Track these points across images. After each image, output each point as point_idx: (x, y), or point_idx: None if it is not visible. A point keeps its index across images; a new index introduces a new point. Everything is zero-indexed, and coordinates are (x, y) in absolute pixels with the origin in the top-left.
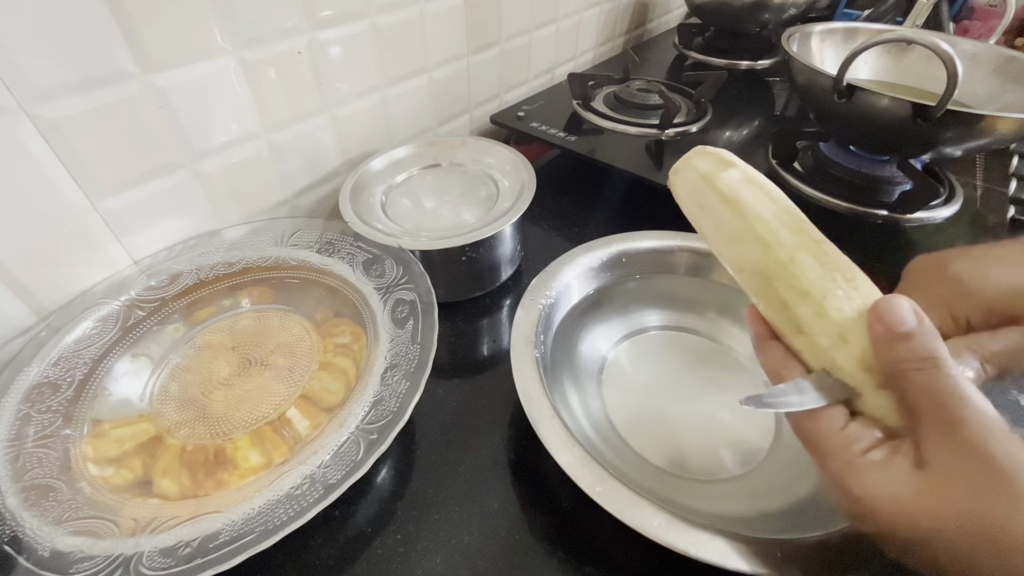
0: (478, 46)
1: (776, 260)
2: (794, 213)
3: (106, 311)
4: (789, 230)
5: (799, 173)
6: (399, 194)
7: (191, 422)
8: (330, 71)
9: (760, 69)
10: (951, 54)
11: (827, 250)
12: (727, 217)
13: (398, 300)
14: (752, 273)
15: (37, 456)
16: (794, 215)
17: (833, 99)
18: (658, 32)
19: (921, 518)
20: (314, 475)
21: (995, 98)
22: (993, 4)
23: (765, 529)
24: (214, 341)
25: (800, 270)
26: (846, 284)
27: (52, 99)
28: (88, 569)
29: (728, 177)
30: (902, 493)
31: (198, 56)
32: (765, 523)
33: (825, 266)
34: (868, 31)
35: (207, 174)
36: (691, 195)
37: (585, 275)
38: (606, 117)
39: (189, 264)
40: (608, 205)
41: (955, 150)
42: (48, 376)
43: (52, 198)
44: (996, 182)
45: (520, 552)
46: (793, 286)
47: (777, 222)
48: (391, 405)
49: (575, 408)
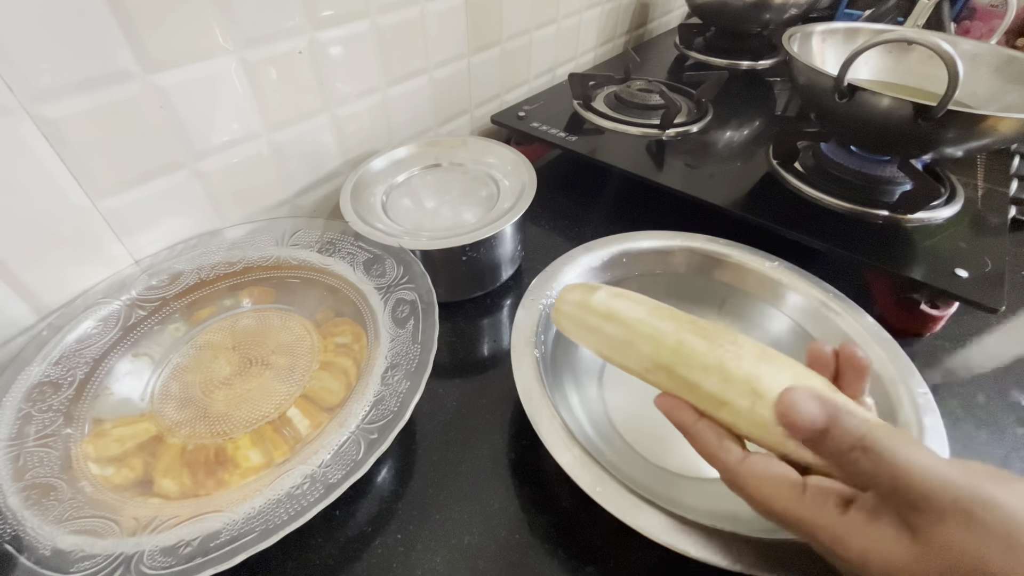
0: (479, 46)
1: (667, 348)
2: (662, 306)
3: (107, 310)
4: (665, 320)
5: (800, 173)
6: (400, 194)
7: (192, 421)
8: (331, 71)
9: (761, 69)
10: (952, 54)
11: (701, 324)
12: (612, 330)
13: (399, 300)
14: (655, 369)
15: (38, 455)
16: (663, 308)
17: (834, 99)
18: (659, 32)
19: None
20: (315, 474)
21: (996, 98)
22: (994, 4)
23: (765, 529)
24: (215, 341)
25: (691, 349)
26: (732, 346)
27: (54, 99)
28: (89, 568)
29: (597, 298)
30: (897, 560)
31: (199, 56)
32: (765, 523)
33: (708, 338)
34: (869, 31)
35: (208, 174)
36: (576, 323)
37: (586, 275)
38: (607, 117)
39: (190, 264)
40: (608, 205)
41: (956, 150)
42: (49, 375)
43: (53, 197)
44: (997, 182)
45: (520, 552)
46: (692, 365)
47: (652, 318)
48: (392, 405)
49: (575, 408)
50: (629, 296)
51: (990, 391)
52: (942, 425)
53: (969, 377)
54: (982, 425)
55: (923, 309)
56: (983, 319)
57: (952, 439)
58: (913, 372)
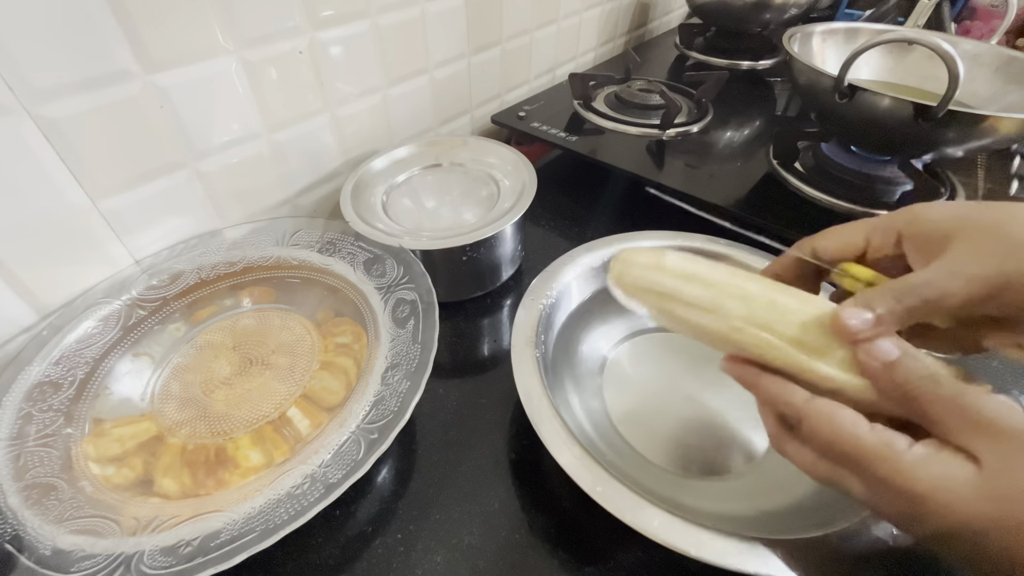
0: (479, 46)
1: (760, 305)
2: (737, 269)
3: (107, 310)
4: (748, 281)
5: (800, 173)
6: (400, 194)
7: (192, 421)
8: (331, 71)
9: (761, 69)
10: (952, 54)
11: (782, 286)
12: (696, 291)
13: (399, 300)
14: (748, 328)
15: (39, 455)
16: (737, 271)
17: (834, 99)
18: (659, 32)
19: (983, 509)
20: (315, 474)
21: (996, 98)
22: (995, 5)
23: (765, 529)
24: (215, 340)
25: (784, 304)
26: (820, 302)
27: (54, 99)
28: (89, 567)
29: (672, 260)
30: (960, 487)
31: (200, 56)
32: (765, 523)
33: (793, 295)
34: (869, 31)
35: (208, 174)
36: (646, 287)
37: (586, 275)
38: (607, 117)
39: (190, 263)
40: (609, 205)
41: (956, 150)
42: (50, 375)
43: (54, 197)
44: (997, 182)
45: (520, 552)
46: (790, 321)
47: (736, 279)
48: (392, 405)
49: (576, 408)
50: (700, 259)
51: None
52: None
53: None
54: None
55: None
56: None
57: None
58: None
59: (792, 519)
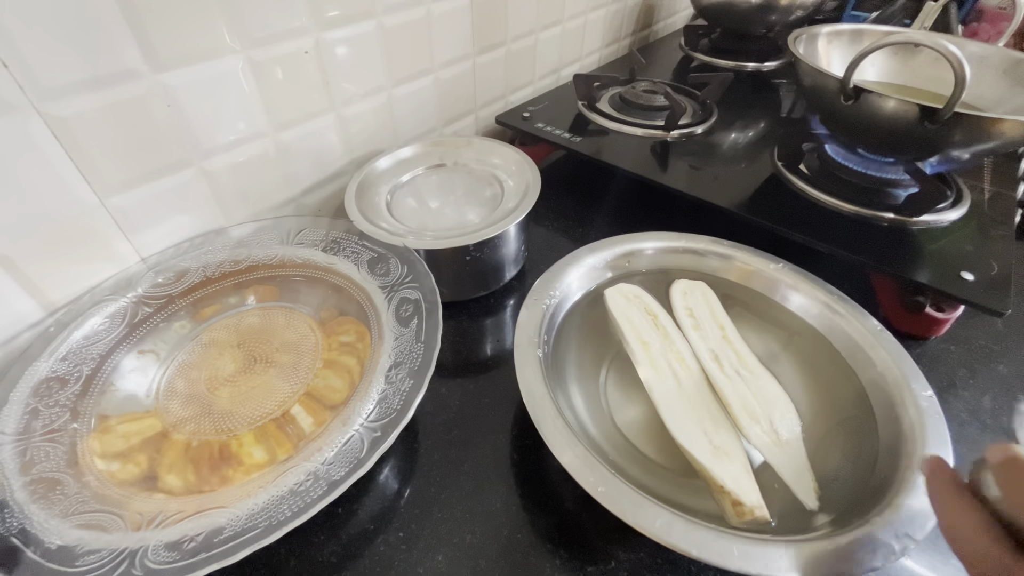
0: (484, 47)
1: None
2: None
3: (114, 307)
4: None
5: (805, 175)
6: (404, 193)
7: (196, 418)
8: (337, 71)
9: (766, 71)
10: (959, 56)
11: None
12: None
13: (402, 299)
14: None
15: (45, 450)
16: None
17: (840, 101)
18: (664, 33)
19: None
20: (318, 472)
21: (1004, 101)
22: (1002, 7)
23: (766, 529)
24: (220, 338)
25: None
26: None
27: (63, 97)
28: (94, 562)
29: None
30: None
31: (206, 55)
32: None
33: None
34: (875, 33)
35: (214, 172)
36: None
37: (589, 275)
38: (611, 118)
39: (196, 262)
40: (612, 206)
41: (963, 153)
42: (56, 371)
43: (62, 195)
44: (1004, 185)
45: (522, 551)
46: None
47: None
48: (395, 403)
49: (578, 408)
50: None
51: (996, 395)
52: (947, 429)
53: (974, 381)
54: (987, 430)
55: (928, 312)
56: (989, 322)
57: (957, 443)
58: (918, 375)
59: (793, 519)
